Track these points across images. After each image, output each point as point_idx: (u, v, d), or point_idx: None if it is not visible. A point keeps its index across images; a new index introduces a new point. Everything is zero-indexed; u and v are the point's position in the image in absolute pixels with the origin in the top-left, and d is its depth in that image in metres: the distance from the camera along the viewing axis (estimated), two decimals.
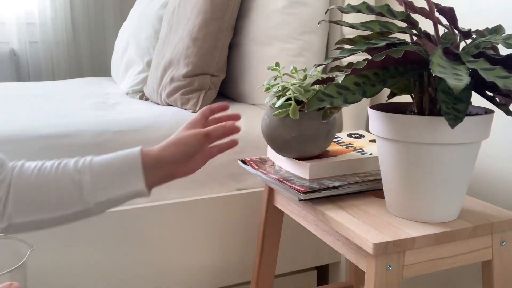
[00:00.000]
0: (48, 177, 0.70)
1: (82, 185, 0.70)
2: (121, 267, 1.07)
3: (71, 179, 0.70)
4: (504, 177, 0.96)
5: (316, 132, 0.83)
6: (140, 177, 0.72)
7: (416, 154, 0.66)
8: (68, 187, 0.70)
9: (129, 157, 0.72)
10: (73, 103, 1.38)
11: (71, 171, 0.71)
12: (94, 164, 0.72)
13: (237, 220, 1.16)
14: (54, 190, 0.70)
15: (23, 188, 0.70)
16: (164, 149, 0.74)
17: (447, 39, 0.69)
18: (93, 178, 0.70)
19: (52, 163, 0.72)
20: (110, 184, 0.71)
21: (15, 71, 2.38)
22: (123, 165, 0.72)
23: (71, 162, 0.72)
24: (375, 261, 0.65)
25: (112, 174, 0.71)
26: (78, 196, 0.70)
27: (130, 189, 0.72)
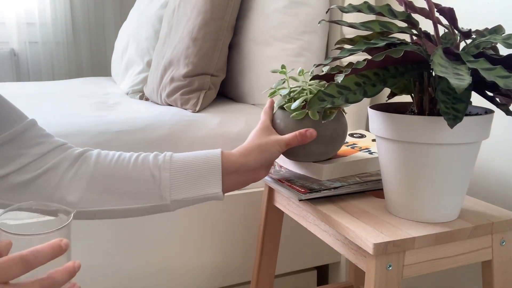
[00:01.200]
0: (127, 168, 0.70)
1: (161, 180, 0.70)
2: (121, 267, 1.07)
3: (150, 173, 0.70)
4: (504, 177, 0.96)
5: (334, 133, 0.82)
6: (219, 181, 0.71)
7: (416, 154, 0.66)
8: (147, 181, 0.70)
9: (210, 159, 0.72)
10: (73, 103, 1.38)
11: (151, 166, 0.70)
12: (175, 162, 0.71)
13: (237, 220, 1.16)
14: (133, 181, 0.70)
15: (101, 175, 0.69)
16: (247, 155, 0.73)
17: (447, 39, 0.69)
18: (172, 176, 0.70)
19: (130, 155, 0.72)
20: (188, 185, 0.71)
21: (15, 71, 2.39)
22: (204, 167, 0.71)
23: (150, 156, 0.72)
24: (375, 261, 0.65)
25: (191, 175, 0.71)
26: (155, 191, 0.70)
27: (207, 192, 0.71)
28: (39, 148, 0.69)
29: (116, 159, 0.71)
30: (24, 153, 0.67)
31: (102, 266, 1.05)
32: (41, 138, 0.70)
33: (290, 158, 0.86)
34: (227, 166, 0.72)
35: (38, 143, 0.69)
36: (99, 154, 0.72)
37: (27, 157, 0.67)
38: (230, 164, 0.72)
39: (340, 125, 0.83)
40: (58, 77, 2.50)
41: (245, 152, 0.73)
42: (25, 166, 0.67)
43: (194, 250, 1.13)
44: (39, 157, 0.68)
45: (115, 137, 1.06)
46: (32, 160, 0.68)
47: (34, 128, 0.70)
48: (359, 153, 0.91)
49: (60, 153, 0.70)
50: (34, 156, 0.68)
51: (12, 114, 0.68)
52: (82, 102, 1.41)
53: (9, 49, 2.37)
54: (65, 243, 0.47)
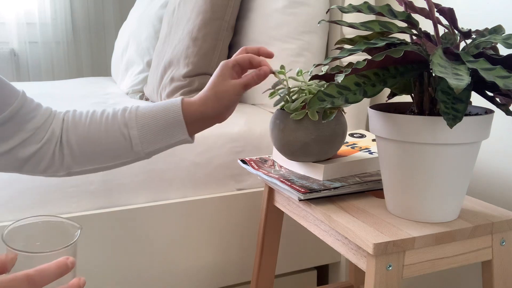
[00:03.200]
0: (100, 129, 0.75)
1: (131, 138, 0.75)
2: (121, 267, 1.07)
3: (120, 132, 0.75)
4: (504, 177, 0.96)
5: (333, 133, 0.82)
6: (184, 130, 0.75)
7: (416, 154, 0.66)
8: (119, 141, 0.75)
9: (172, 111, 0.75)
10: (73, 103, 1.38)
11: (120, 124, 0.75)
12: (140, 117, 0.75)
13: (237, 220, 1.16)
14: (106, 143, 0.75)
15: (78, 138, 0.75)
16: (206, 103, 0.76)
17: (447, 39, 0.69)
18: (140, 132, 0.75)
19: (101, 113, 0.77)
20: (157, 137, 0.75)
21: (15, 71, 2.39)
22: (167, 119, 0.75)
23: (118, 113, 0.76)
24: (375, 261, 0.65)
25: (157, 128, 0.75)
26: (128, 149, 0.75)
27: (175, 140, 0.76)
28: (34, 123, 0.73)
29: (89, 120, 0.76)
30: (23, 128, 0.72)
31: (102, 266, 1.05)
32: (34, 111, 0.74)
33: (290, 158, 0.86)
34: (188, 115, 0.76)
35: (32, 117, 0.73)
36: (73, 117, 0.77)
37: (25, 132, 0.72)
38: (191, 113, 0.76)
39: (339, 125, 0.83)
40: (58, 77, 2.50)
41: (203, 101, 0.76)
42: (25, 140, 0.72)
43: (194, 250, 1.13)
44: (35, 131, 0.73)
45: None
46: (30, 135, 0.73)
47: (26, 102, 0.74)
48: (359, 153, 0.91)
49: (50, 123, 0.75)
50: (31, 130, 0.73)
51: (8, 91, 0.72)
52: (82, 102, 1.41)
53: (9, 49, 2.37)
54: (71, 261, 0.47)
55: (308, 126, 0.80)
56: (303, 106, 0.82)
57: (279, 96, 0.86)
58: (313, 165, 0.85)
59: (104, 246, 1.05)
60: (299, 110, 0.80)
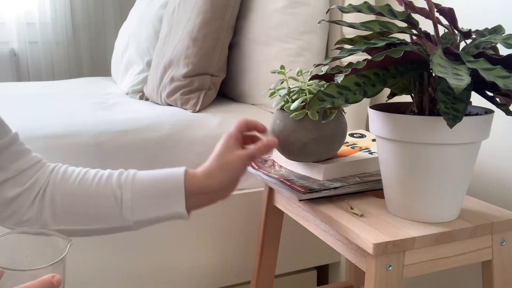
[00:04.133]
0: (90, 188, 0.69)
1: (122, 202, 0.68)
2: (121, 267, 1.07)
3: (112, 194, 0.69)
4: (504, 177, 0.96)
5: (333, 133, 0.82)
6: (182, 202, 0.69)
7: (416, 154, 0.66)
8: (109, 202, 0.68)
9: (173, 180, 0.70)
10: (73, 103, 1.38)
11: (114, 185, 0.69)
12: (137, 181, 0.70)
13: (237, 220, 1.16)
14: (94, 203, 0.69)
15: (64, 194, 0.69)
16: (210, 175, 0.70)
17: (447, 39, 0.69)
18: (134, 196, 0.69)
19: (95, 173, 0.71)
20: (150, 205, 0.69)
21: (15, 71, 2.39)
22: (166, 187, 0.69)
23: (114, 174, 0.71)
24: (375, 261, 0.65)
25: (153, 195, 0.69)
26: (117, 213, 0.69)
27: (170, 211, 0.70)
28: (19, 164, 0.68)
29: (80, 177, 0.70)
30: (6, 168, 0.67)
31: (102, 266, 1.05)
32: (22, 153, 0.70)
33: (290, 158, 0.86)
34: (190, 188, 0.70)
35: (18, 158, 0.69)
36: (64, 173, 0.71)
37: (9, 172, 0.67)
38: (194, 186, 0.70)
39: (339, 125, 0.83)
40: (58, 77, 2.50)
41: (207, 173, 0.71)
42: (7, 180, 0.67)
43: (194, 250, 1.13)
44: (19, 173, 0.68)
45: (115, 137, 1.06)
46: (13, 175, 0.68)
47: (16, 142, 0.69)
48: (359, 153, 0.91)
49: (36, 170, 0.70)
50: (15, 172, 0.68)
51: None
52: (82, 102, 1.41)
53: (9, 49, 2.37)
54: (57, 279, 0.44)
55: (308, 126, 0.80)
56: (303, 106, 0.82)
57: (279, 96, 0.85)
58: (313, 165, 0.85)
59: (104, 246, 1.05)
60: (299, 110, 0.80)
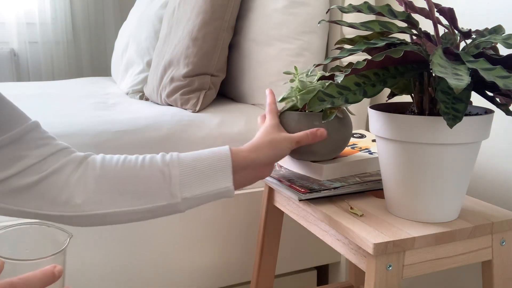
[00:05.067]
0: (135, 168, 0.69)
1: (171, 177, 0.68)
2: (121, 267, 1.07)
3: (160, 171, 0.68)
4: (504, 177, 0.96)
5: (342, 134, 0.83)
6: (230, 176, 0.70)
7: (416, 154, 0.66)
8: (157, 178, 0.68)
9: (219, 155, 0.70)
10: (73, 103, 1.38)
11: (160, 164, 0.69)
12: (183, 159, 0.70)
13: (237, 220, 1.16)
14: (142, 180, 0.68)
15: (107, 179, 0.68)
16: (258, 150, 0.72)
17: (447, 39, 0.69)
18: (182, 172, 0.69)
19: (136, 156, 0.71)
20: (199, 180, 0.69)
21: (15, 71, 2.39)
22: (213, 163, 0.70)
23: (157, 156, 0.71)
24: (375, 261, 0.65)
25: (200, 171, 0.69)
26: (166, 189, 0.68)
27: (217, 187, 0.70)
28: (42, 150, 0.67)
29: (122, 160, 0.70)
30: (27, 155, 0.65)
31: (102, 266, 1.05)
32: (44, 140, 0.68)
33: (296, 157, 0.86)
34: (237, 161, 0.71)
35: (40, 145, 0.67)
36: (104, 157, 0.71)
37: (30, 159, 0.65)
38: (241, 159, 0.71)
39: (348, 126, 0.84)
40: (58, 77, 2.50)
41: (255, 147, 0.73)
42: (27, 168, 0.65)
43: (194, 250, 1.13)
44: (42, 159, 0.66)
45: (115, 137, 1.06)
46: (35, 162, 0.65)
47: (36, 130, 0.68)
48: (359, 153, 0.91)
49: (63, 156, 0.69)
50: (37, 158, 0.66)
51: (13, 115, 0.66)
52: (82, 102, 1.41)
53: (9, 49, 2.37)
54: (58, 270, 0.44)
55: (318, 127, 0.81)
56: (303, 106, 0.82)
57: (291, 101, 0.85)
58: (313, 165, 0.85)
59: (104, 246, 1.05)
60: None
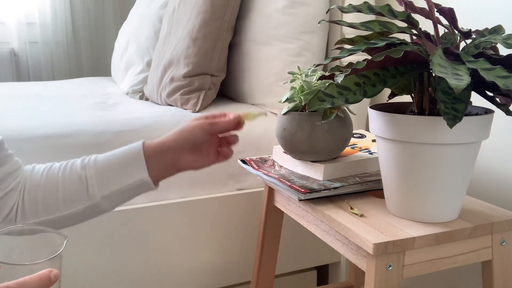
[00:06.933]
0: (56, 177, 0.71)
1: (87, 180, 0.71)
2: (121, 267, 1.07)
3: (77, 176, 0.71)
4: (504, 177, 0.96)
5: (344, 134, 0.84)
6: (143, 166, 0.71)
7: (416, 154, 0.66)
8: (75, 184, 0.71)
9: (131, 148, 0.73)
10: (73, 103, 1.38)
11: (78, 169, 0.72)
12: (99, 159, 0.72)
13: (237, 220, 1.16)
14: (62, 188, 0.71)
15: (33, 190, 0.71)
16: (167, 137, 0.74)
17: (447, 39, 0.69)
18: (97, 172, 0.71)
19: (60, 164, 0.74)
20: (113, 176, 0.71)
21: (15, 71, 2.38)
22: (125, 156, 0.72)
23: (78, 160, 0.73)
24: (375, 261, 0.65)
25: (114, 166, 0.71)
26: (84, 191, 0.70)
27: (133, 179, 0.71)
28: (4, 168, 0.70)
29: (47, 171, 0.72)
30: None
31: (102, 266, 1.05)
32: (6, 158, 0.71)
33: (296, 157, 0.86)
34: (149, 150, 0.72)
35: (3, 163, 0.70)
36: (32, 170, 0.73)
37: None
38: (151, 148, 0.72)
39: (348, 126, 0.84)
40: (58, 77, 2.49)
41: (165, 136, 0.74)
42: None
43: (194, 250, 1.13)
44: (4, 177, 0.69)
45: (115, 137, 1.06)
46: None
47: (2, 148, 0.71)
48: (359, 153, 0.91)
49: (18, 174, 0.72)
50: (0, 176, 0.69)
51: None
52: (82, 102, 1.41)
53: (9, 49, 2.37)
54: (54, 274, 0.44)
55: (322, 127, 0.81)
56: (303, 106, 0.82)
57: (293, 101, 0.85)
58: (313, 165, 0.85)
59: (104, 246, 1.05)
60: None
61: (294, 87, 0.86)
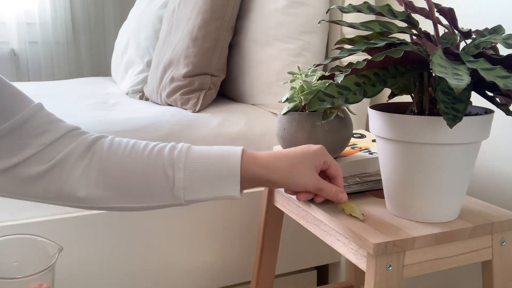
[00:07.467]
0: (140, 161, 0.65)
1: (174, 181, 0.65)
2: (121, 267, 1.07)
3: (163, 171, 0.65)
4: (504, 177, 0.96)
5: (345, 134, 0.84)
6: (237, 187, 0.66)
7: (416, 154, 0.66)
8: (160, 180, 0.65)
9: (229, 163, 0.66)
10: (73, 103, 1.38)
11: (165, 162, 0.65)
12: (190, 159, 0.66)
13: (237, 220, 1.16)
14: (145, 179, 0.65)
15: (112, 166, 0.65)
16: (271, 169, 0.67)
17: (447, 39, 0.69)
18: (187, 176, 0.65)
19: (145, 145, 0.67)
20: (204, 187, 0.66)
21: (15, 71, 2.38)
22: (221, 171, 0.66)
23: (166, 148, 0.66)
24: (375, 261, 0.65)
25: (207, 177, 0.66)
26: (169, 191, 0.65)
27: (223, 194, 0.67)
28: (45, 138, 0.63)
29: (129, 151, 0.66)
30: (29, 144, 0.61)
31: (102, 266, 1.05)
32: (48, 125, 0.64)
33: None
34: (246, 174, 0.67)
35: (43, 131, 0.63)
36: (111, 144, 0.66)
37: (32, 148, 0.62)
38: (250, 173, 0.67)
39: (348, 126, 0.84)
40: (58, 77, 2.50)
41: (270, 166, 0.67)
42: (30, 157, 0.62)
43: (194, 250, 1.13)
44: (44, 147, 0.63)
45: None
46: (37, 151, 0.62)
47: (39, 114, 0.64)
48: (359, 153, 0.91)
49: (69, 142, 0.65)
50: (39, 146, 0.62)
51: (14, 99, 0.62)
52: (82, 102, 1.41)
53: (9, 49, 2.37)
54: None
55: (322, 127, 0.81)
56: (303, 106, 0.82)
57: (293, 101, 0.85)
58: None
59: (104, 246, 1.05)
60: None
61: (294, 87, 0.86)
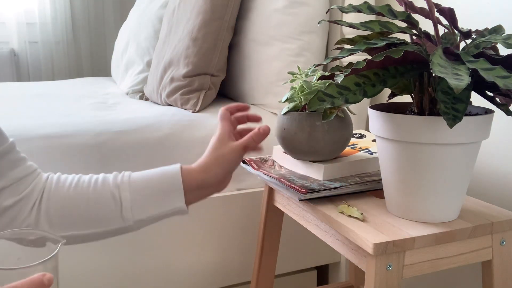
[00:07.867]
0: (87, 192, 0.69)
1: (121, 201, 0.68)
2: (121, 267, 1.07)
3: (111, 195, 0.69)
4: (504, 177, 0.96)
5: (344, 134, 0.84)
6: (181, 198, 0.70)
7: (416, 154, 0.66)
8: (108, 203, 0.68)
9: (170, 177, 0.70)
10: (73, 103, 1.38)
11: (111, 187, 0.69)
12: (134, 181, 0.70)
13: (237, 220, 1.16)
14: (94, 205, 0.68)
15: (59, 201, 0.69)
16: (206, 169, 0.71)
17: (447, 39, 0.69)
18: (133, 195, 0.69)
19: (89, 177, 0.71)
20: (150, 203, 0.69)
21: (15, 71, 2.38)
22: (164, 185, 0.70)
23: (110, 177, 0.71)
24: (375, 261, 0.65)
25: (152, 193, 0.69)
26: (117, 213, 0.68)
27: (170, 208, 0.70)
28: (17, 172, 0.68)
29: (75, 183, 0.70)
30: (3, 175, 0.66)
31: (102, 266, 1.05)
32: (19, 161, 0.69)
33: (296, 157, 0.86)
34: (188, 183, 0.70)
35: (15, 167, 0.68)
36: (58, 180, 0.71)
37: (6, 180, 0.67)
38: (191, 181, 0.70)
39: (348, 126, 0.84)
40: (58, 77, 2.49)
41: (203, 167, 0.72)
42: (3, 189, 0.66)
43: (194, 250, 1.13)
44: (16, 181, 0.68)
45: (115, 137, 1.06)
46: (10, 184, 0.67)
47: (14, 150, 0.69)
48: (359, 153, 0.91)
49: (33, 179, 0.70)
50: (12, 180, 0.67)
51: None
52: (82, 102, 1.41)
53: (9, 49, 2.37)
54: (48, 278, 0.42)
55: (323, 126, 0.81)
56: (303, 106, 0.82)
57: (293, 101, 0.85)
58: (313, 165, 0.85)
59: (104, 246, 1.05)
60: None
61: (294, 87, 0.86)
